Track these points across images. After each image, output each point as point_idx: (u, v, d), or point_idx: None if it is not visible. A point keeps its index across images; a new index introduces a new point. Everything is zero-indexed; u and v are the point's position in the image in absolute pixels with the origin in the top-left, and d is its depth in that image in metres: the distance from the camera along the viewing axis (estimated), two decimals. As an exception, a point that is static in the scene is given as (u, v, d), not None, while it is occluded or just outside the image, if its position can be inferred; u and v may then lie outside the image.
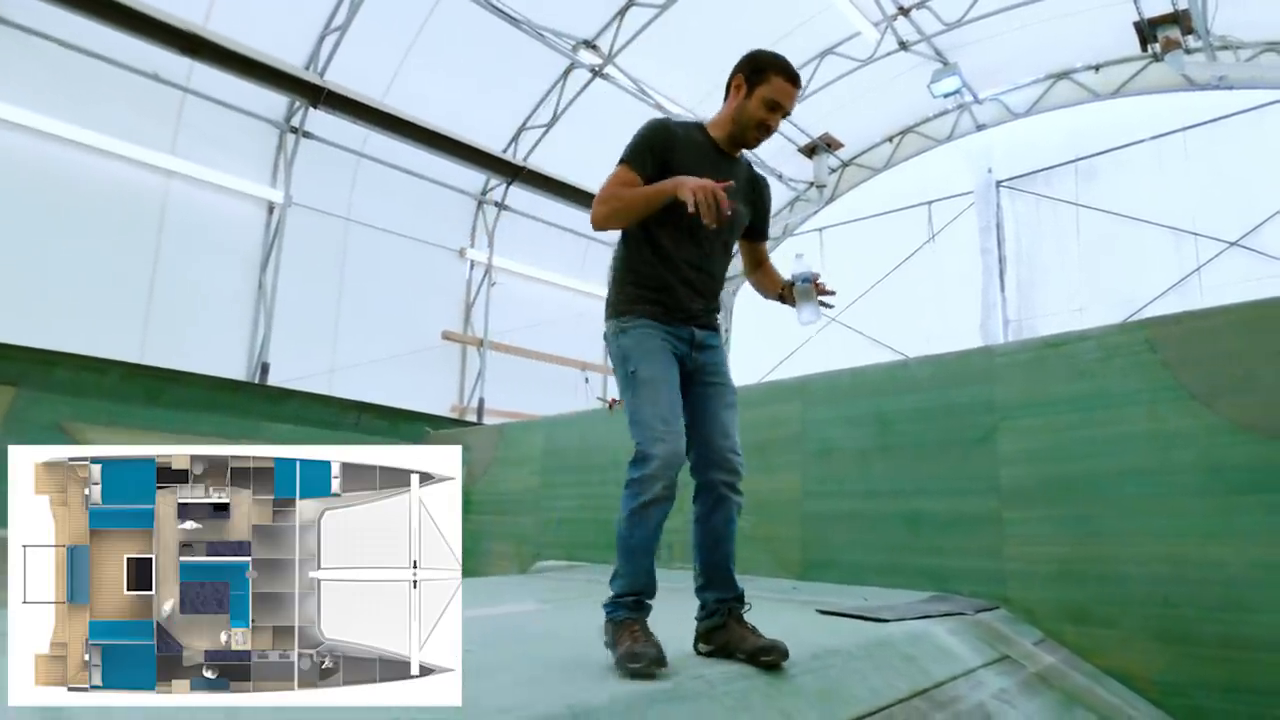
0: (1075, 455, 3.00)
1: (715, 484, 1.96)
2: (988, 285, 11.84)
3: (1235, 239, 9.83)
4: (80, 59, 8.23)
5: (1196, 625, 2.60)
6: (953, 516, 3.30)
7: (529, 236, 13.08)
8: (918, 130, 13.41)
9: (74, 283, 8.23)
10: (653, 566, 1.92)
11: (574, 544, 5.07)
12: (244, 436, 6.28)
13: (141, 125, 8.80)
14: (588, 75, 11.35)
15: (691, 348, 2.04)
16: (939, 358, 3.62)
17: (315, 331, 10.35)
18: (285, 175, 10.15)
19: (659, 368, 1.94)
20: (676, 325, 2.01)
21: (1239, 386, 2.67)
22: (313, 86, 8.85)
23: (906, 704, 1.98)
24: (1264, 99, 9.83)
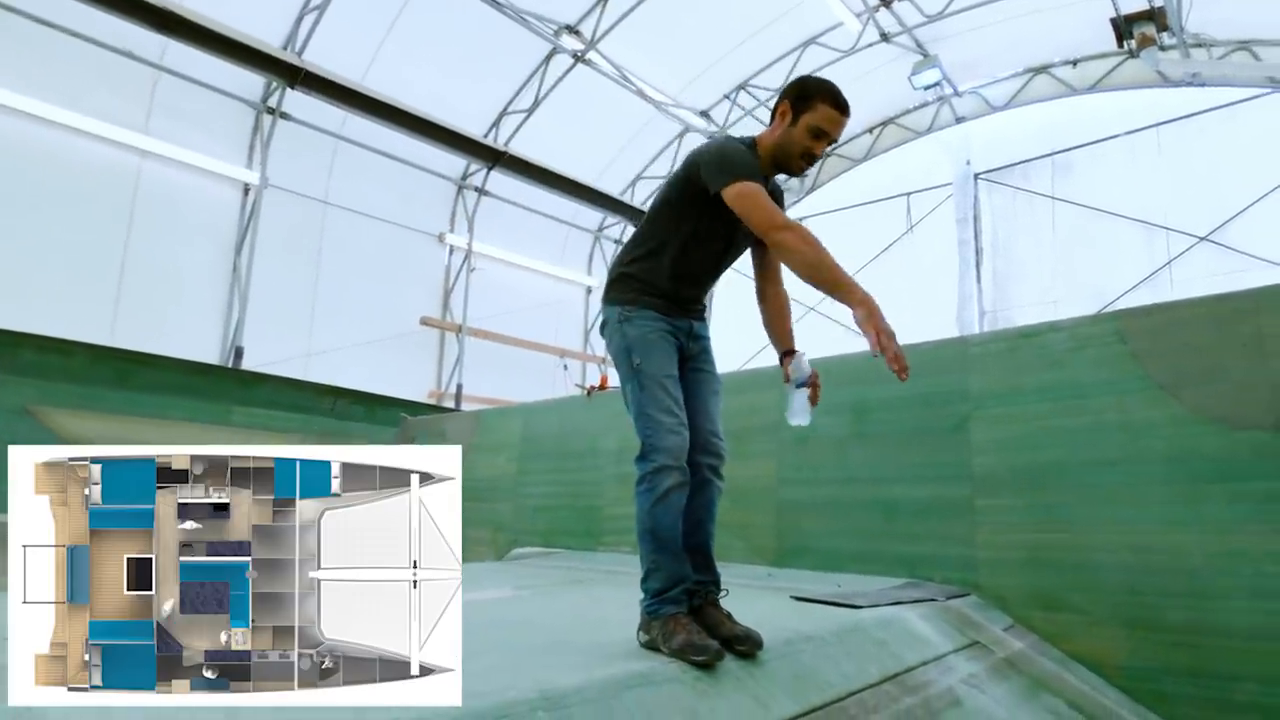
0: (1046, 444, 3.04)
1: (699, 467, 2.00)
2: (964, 276, 11.98)
3: (1205, 234, 10.03)
4: (50, 34, 7.97)
5: (1161, 612, 2.66)
6: (926, 504, 3.34)
7: (509, 222, 12.97)
8: (898, 122, 13.48)
9: (42, 262, 8.02)
10: (684, 553, 1.94)
11: (551, 531, 5.06)
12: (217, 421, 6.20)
13: (113, 103, 8.57)
14: (570, 61, 11.23)
15: (688, 338, 2.12)
16: (915, 347, 3.62)
17: (291, 316, 10.20)
18: (261, 157, 9.94)
19: (665, 362, 1.99)
20: (676, 317, 2.09)
21: (1205, 378, 2.72)
22: (290, 67, 8.63)
23: (877, 688, 2.00)
24: (1234, 97, 10.02)
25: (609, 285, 2.15)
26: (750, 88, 12.65)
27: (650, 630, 1.88)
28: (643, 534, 1.93)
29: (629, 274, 2.10)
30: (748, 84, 12.60)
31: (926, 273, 12.33)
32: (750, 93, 12.70)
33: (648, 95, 11.85)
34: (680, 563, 1.91)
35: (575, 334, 14.59)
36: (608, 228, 14.75)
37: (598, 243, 14.94)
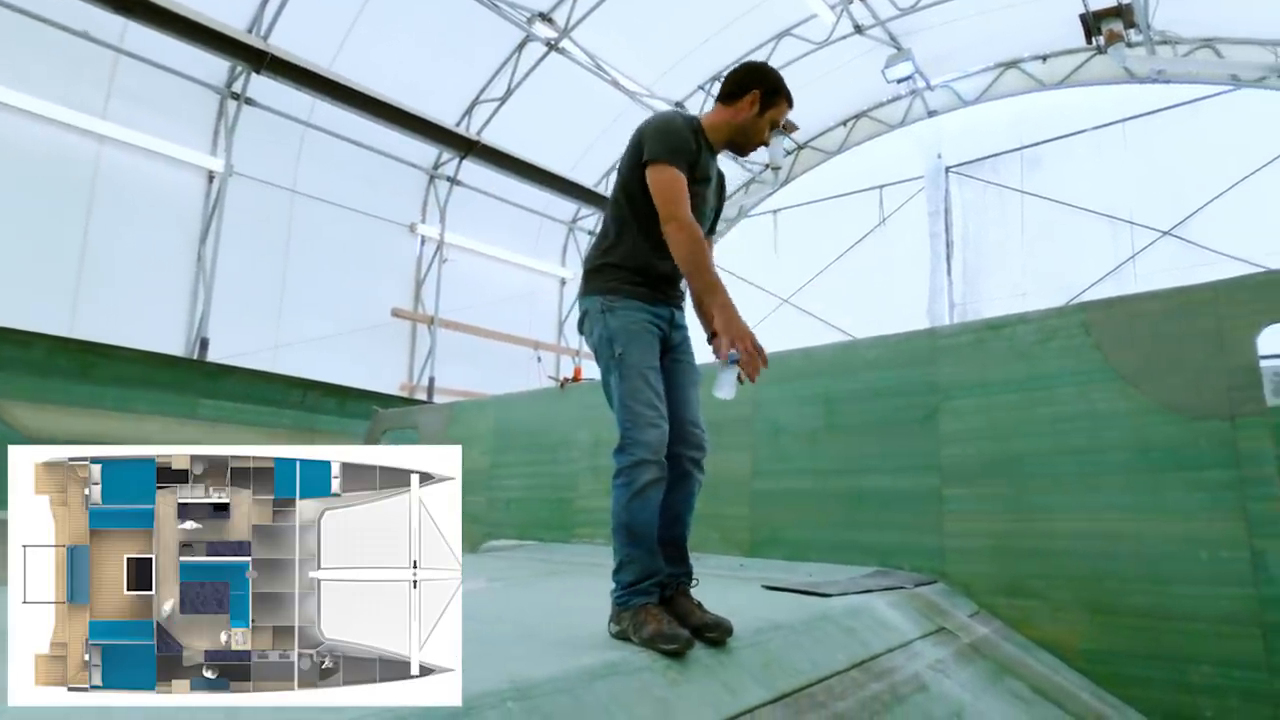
0: (1013, 435, 3.10)
1: (680, 459, 1.99)
2: (936, 269, 12.13)
3: (1168, 228, 10.27)
4: (2, 13, 7.66)
5: (1120, 597, 2.73)
6: (896, 494, 3.38)
7: (482, 212, 12.81)
8: (871, 115, 13.57)
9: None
10: (657, 548, 1.92)
11: (525, 523, 5.04)
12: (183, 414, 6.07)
13: (70, 86, 8.27)
14: (543, 49, 11.10)
15: (670, 327, 2.11)
16: (885, 339, 3.68)
17: (258, 307, 9.98)
18: (226, 143, 9.68)
19: (647, 353, 1.98)
20: (658, 305, 2.07)
21: (1165, 369, 2.79)
22: (255, 51, 8.39)
23: (845, 675, 2.02)
24: (1197, 94, 10.25)
25: (587, 277, 2.12)
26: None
27: (621, 621, 1.87)
28: (617, 528, 1.92)
29: (609, 263, 2.07)
30: (722, 75, 12.55)
31: (899, 265, 12.46)
32: (726, 84, 12.68)
33: (622, 85, 11.77)
34: (654, 557, 1.90)
35: (549, 326, 14.51)
36: (582, 219, 14.66)
37: (572, 234, 14.85)
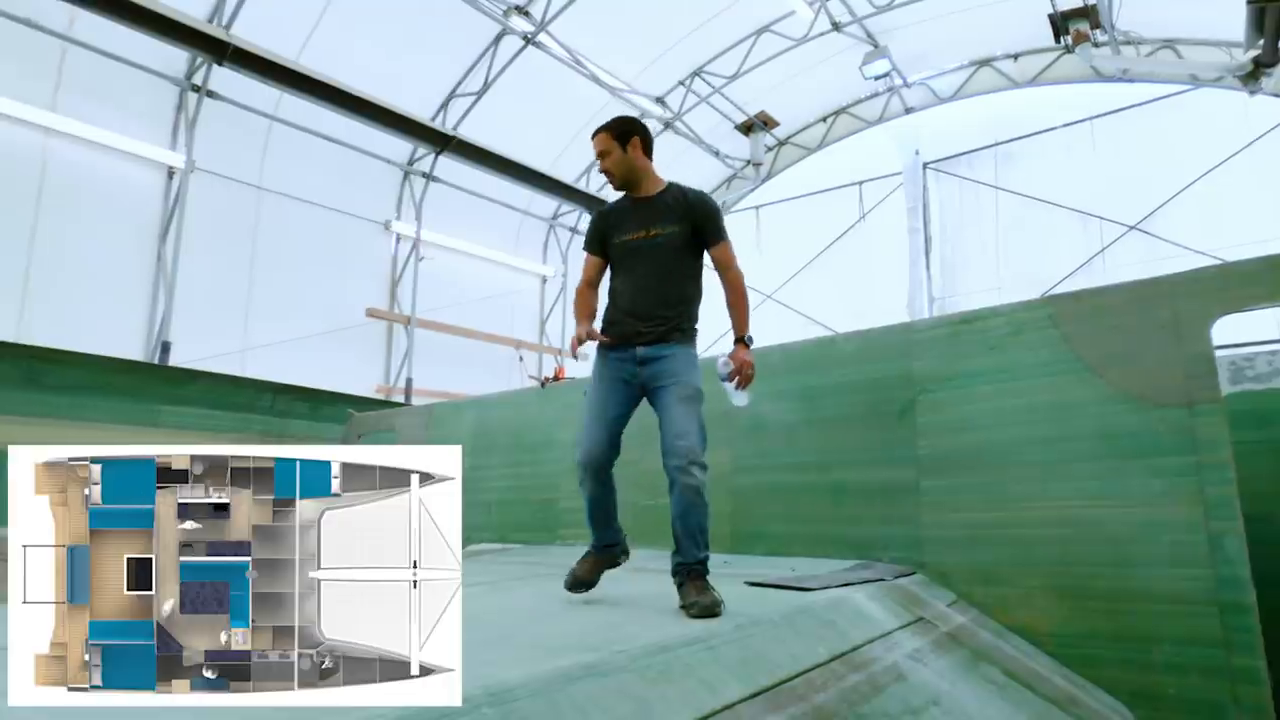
0: (986, 426, 3.16)
1: (669, 469, 2.41)
2: (915, 264, 12.29)
3: (1134, 223, 10.51)
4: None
5: (1088, 581, 2.81)
6: (874, 487, 3.43)
7: (460, 209, 12.63)
8: (850, 111, 13.70)
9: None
10: (602, 528, 2.58)
11: (507, 525, 5.02)
12: (143, 421, 5.85)
13: (14, 77, 7.93)
14: (520, 43, 11.02)
15: (638, 364, 2.49)
16: (863, 334, 3.72)
17: (224, 309, 9.69)
18: (187, 138, 9.37)
19: (595, 392, 2.56)
20: (620, 349, 2.52)
21: (1127, 359, 2.87)
22: (216, 41, 8.04)
23: (825, 667, 2.04)
24: (1160, 93, 10.50)
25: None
26: (705, 74, 12.66)
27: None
28: None
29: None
30: (702, 70, 12.60)
31: (879, 260, 12.60)
32: (705, 79, 12.71)
33: (602, 80, 11.72)
34: (596, 528, 2.57)
35: (531, 325, 14.41)
36: (563, 215, 14.59)
37: (553, 231, 14.77)
